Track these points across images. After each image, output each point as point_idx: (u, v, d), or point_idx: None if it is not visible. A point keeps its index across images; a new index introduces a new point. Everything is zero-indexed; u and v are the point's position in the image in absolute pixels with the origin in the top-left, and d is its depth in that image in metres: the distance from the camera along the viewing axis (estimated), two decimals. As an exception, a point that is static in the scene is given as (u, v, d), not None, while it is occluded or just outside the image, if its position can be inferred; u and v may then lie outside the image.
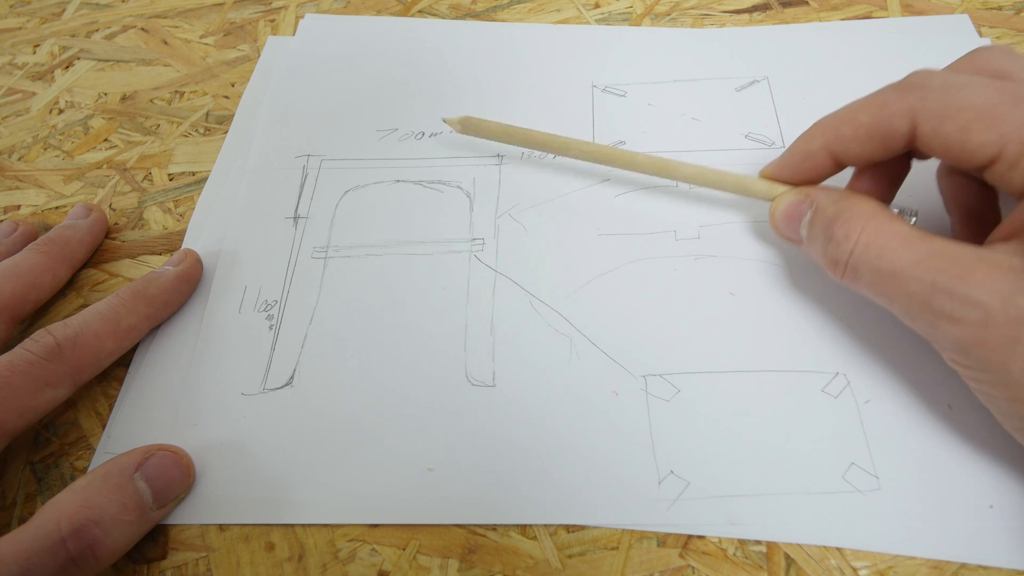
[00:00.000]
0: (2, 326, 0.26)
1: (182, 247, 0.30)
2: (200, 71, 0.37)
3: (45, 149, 0.35)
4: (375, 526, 0.23)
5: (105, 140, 0.35)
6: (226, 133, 0.34)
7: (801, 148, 0.24)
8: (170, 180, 0.33)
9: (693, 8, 0.37)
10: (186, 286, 0.28)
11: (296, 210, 0.31)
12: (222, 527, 0.23)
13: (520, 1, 0.38)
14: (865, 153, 0.23)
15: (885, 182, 0.24)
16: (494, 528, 0.23)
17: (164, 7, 0.41)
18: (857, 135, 0.22)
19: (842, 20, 0.35)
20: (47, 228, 0.31)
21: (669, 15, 0.37)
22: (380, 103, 0.34)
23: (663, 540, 0.22)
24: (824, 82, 0.33)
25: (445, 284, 0.28)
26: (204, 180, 0.33)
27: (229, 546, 0.23)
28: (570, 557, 0.22)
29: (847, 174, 0.25)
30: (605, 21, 0.37)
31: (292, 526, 0.23)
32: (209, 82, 0.37)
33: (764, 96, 0.32)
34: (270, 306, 0.28)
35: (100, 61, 0.39)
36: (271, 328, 0.27)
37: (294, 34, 0.38)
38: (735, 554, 0.22)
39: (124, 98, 0.37)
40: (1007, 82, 0.21)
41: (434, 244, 0.29)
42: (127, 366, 0.27)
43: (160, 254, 0.31)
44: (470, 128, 0.30)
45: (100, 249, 0.31)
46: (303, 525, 0.23)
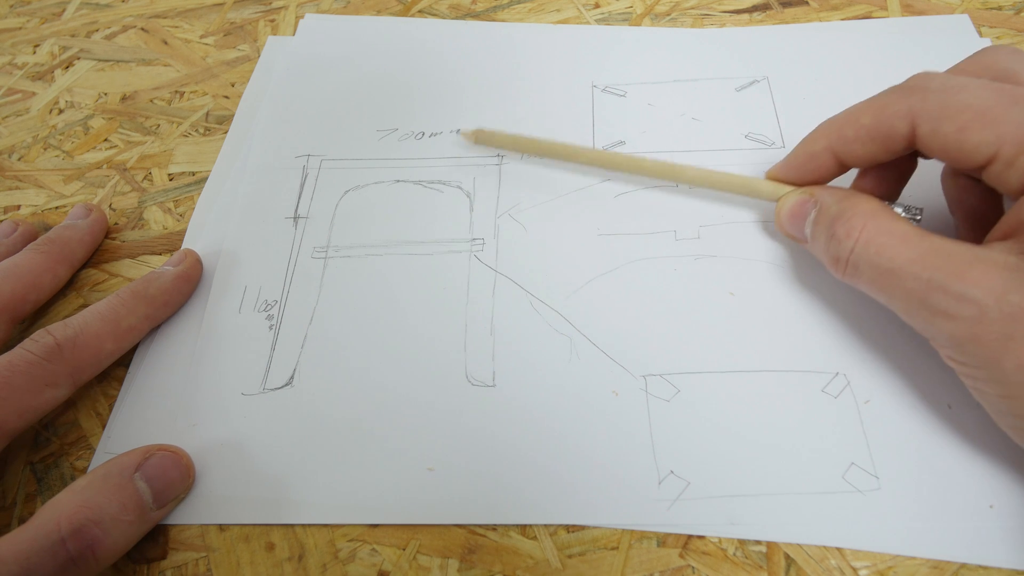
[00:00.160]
0: (2, 326, 0.26)
1: (182, 247, 0.30)
2: (200, 71, 0.37)
3: (45, 149, 0.35)
4: (375, 526, 0.23)
5: (105, 140, 0.35)
6: (226, 133, 0.34)
7: (805, 150, 0.25)
8: (170, 180, 0.33)
9: (693, 8, 0.37)
10: (186, 286, 0.28)
11: (296, 210, 0.31)
12: (222, 527, 0.23)
13: (520, 1, 0.38)
14: (867, 154, 0.23)
15: (889, 181, 0.24)
16: (494, 528, 0.23)
17: (164, 7, 0.41)
18: (859, 136, 0.23)
19: (842, 20, 0.35)
20: (47, 228, 0.31)
21: (669, 15, 0.37)
22: (380, 103, 0.34)
23: (663, 540, 0.22)
24: (824, 82, 0.33)
25: (445, 284, 0.28)
26: (204, 180, 0.33)
27: (229, 546, 0.23)
28: (570, 557, 0.22)
29: (853, 173, 0.25)
30: (605, 21, 0.37)
31: (292, 526, 0.23)
32: (209, 82, 0.37)
33: (764, 96, 0.32)
34: (270, 306, 0.28)
35: (100, 61, 0.39)
36: (271, 328, 0.27)
37: (294, 34, 0.38)
38: (735, 554, 0.22)
39: (124, 98, 0.37)
40: (1006, 83, 0.21)
41: (434, 244, 0.29)
42: (127, 366, 0.27)
43: (160, 254, 0.31)
44: (483, 139, 0.31)
45: (100, 249, 0.31)
46: (303, 525, 0.23)
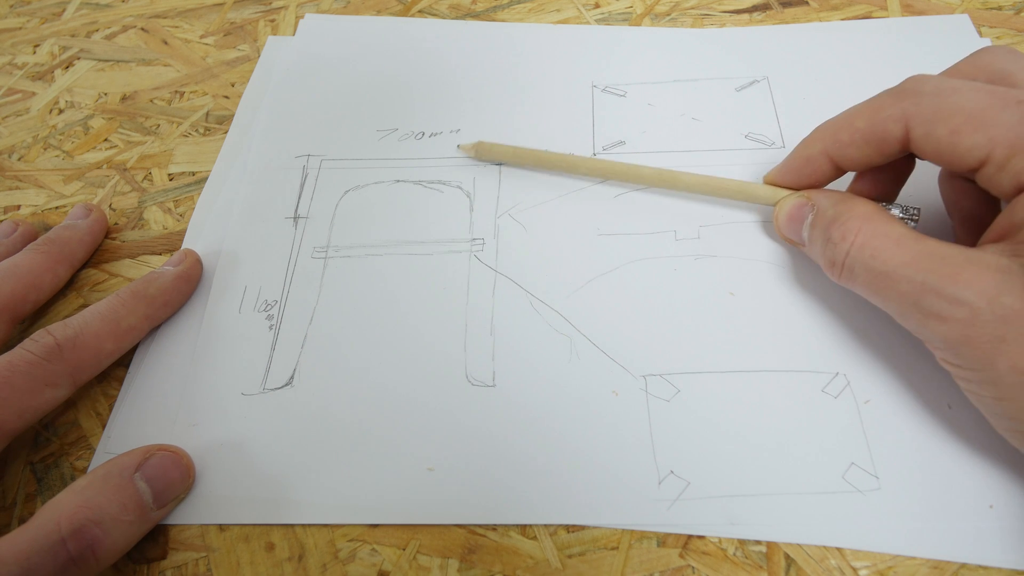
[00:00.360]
0: (2, 326, 0.26)
1: (182, 247, 0.30)
2: (200, 71, 0.37)
3: (45, 149, 0.35)
4: (375, 526, 0.23)
5: (105, 140, 0.35)
6: (226, 133, 0.34)
7: (801, 153, 0.25)
8: (170, 180, 0.33)
9: (693, 8, 0.37)
10: (186, 286, 0.28)
11: (296, 210, 0.31)
12: (222, 527, 0.23)
13: (520, 1, 0.38)
14: (863, 157, 0.23)
15: (886, 183, 0.24)
16: (494, 528, 0.23)
17: (164, 7, 0.41)
18: (854, 140, 0.23)
19: (842, 20, 0.35)
20: (47, 228, 0.31)
21: (669, 15, 0.37)
22: (380, 103, 0.34)
23: (663, 540, 0.22)
24: (824, 82, 0.33)
25: (445, 284, 0.28)
26: (204, 180, 0.33)
27: (229, 546, 0.23)
28: (570, 557, 0.22)
29: (851, 175, 0.25)
30: (605, 21, 0.37)
31: (292, 526, 0.23)
32: (209, 82, 0.37)
33: (764, 96, 0.32)
34: (270, 306, 0.28)
35: (100, 61, 0.39)
36: (271, 328, 0.27)
37: (294, 34, 0.38)
38: (735, 554, 0.22)
39: (124, 98, 0.37)
40: (1000, 85, 0.21)
41: (434, 244, 0.29)
42: (127, 366, 0.27)
43: (160, 254, 0.31)
44: (483, 152, 0.31)
45: (100, 249, 0.31)
46: (303, 525, 0.23)
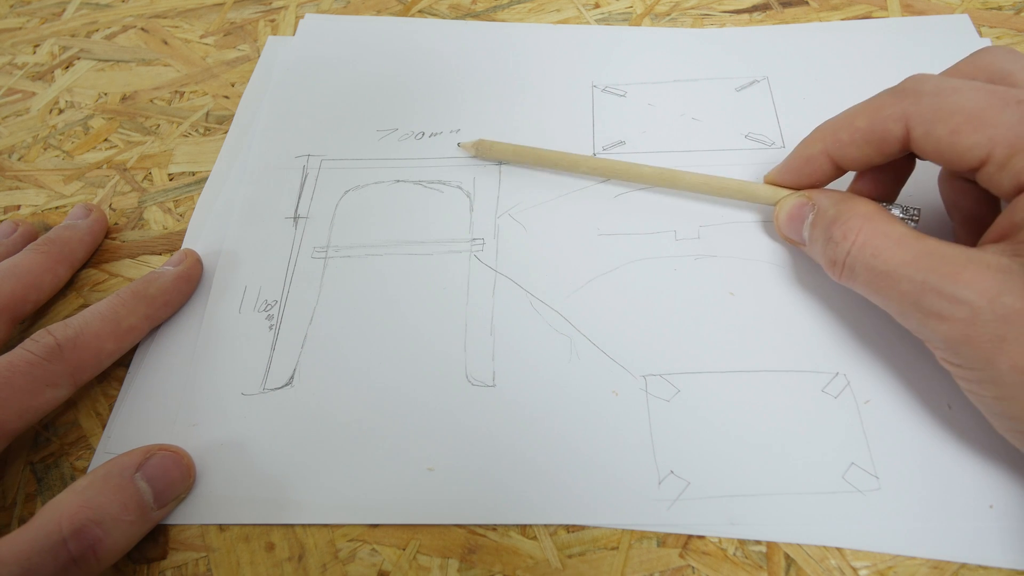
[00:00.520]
0: (2, 326, 0.26)
1: (182, 247, 0.30)
2: (200, 71, 0.37)
3: (45, 149, 0.35)
4: (375, 526, 0.23)
5: (105, 140, 0.35)
6: (226, 133, 0.34)
7: (802, 153, 0.25)
8: (170, 180, 0.33)
9: (693, 8, 0.37)
10: (186, 286, 0.28)
11: (296, 210, 0.31)
12: (222, 527, 0.23)
13: (520, 1, 0.38)
14: (863, 157, 0.23)
15: (887, 183, 0.24)
16: (494, 528, 0.23)
17: (164, 7, 0.41)
18: (854, 139, 0.23)
19: (842, 20, 0.35)
20: (47, 228, 0.31)
21: (669, 15, 0.37)
22: (380, 103, 0.34)
23: (663, 540, 0.22)
24: (824, 82, 0.33)
25: (445, 284, 0.28)
26: (204, 180, 0.33)
27: (229, 546, 0.23)
28: (570, 557, 0.22)
29: (851, 175, 0.25)
30: (605, 21, 0.37)
31: (292, 526, 0.23)
32: (209, 82, 0.37)
33: (764, 96, 0.32)
34: (270, 306, 0.28)
35: (100, 61, 0.39)
36: (271, 328, 0.27)
37: (294, 34, 0.38)
38: (735, 554, 0.22)
39: (124, 98, 0.37)
40: (1000, 85, 0.21)
41: (434, 244, 0.29)
42: (127, 366, 0.27)
43: (160, 254, 0.31)
44: (483, 150, 0.31)
45: (100, 249, 0.31)
46: (303, 525, 0.23)
